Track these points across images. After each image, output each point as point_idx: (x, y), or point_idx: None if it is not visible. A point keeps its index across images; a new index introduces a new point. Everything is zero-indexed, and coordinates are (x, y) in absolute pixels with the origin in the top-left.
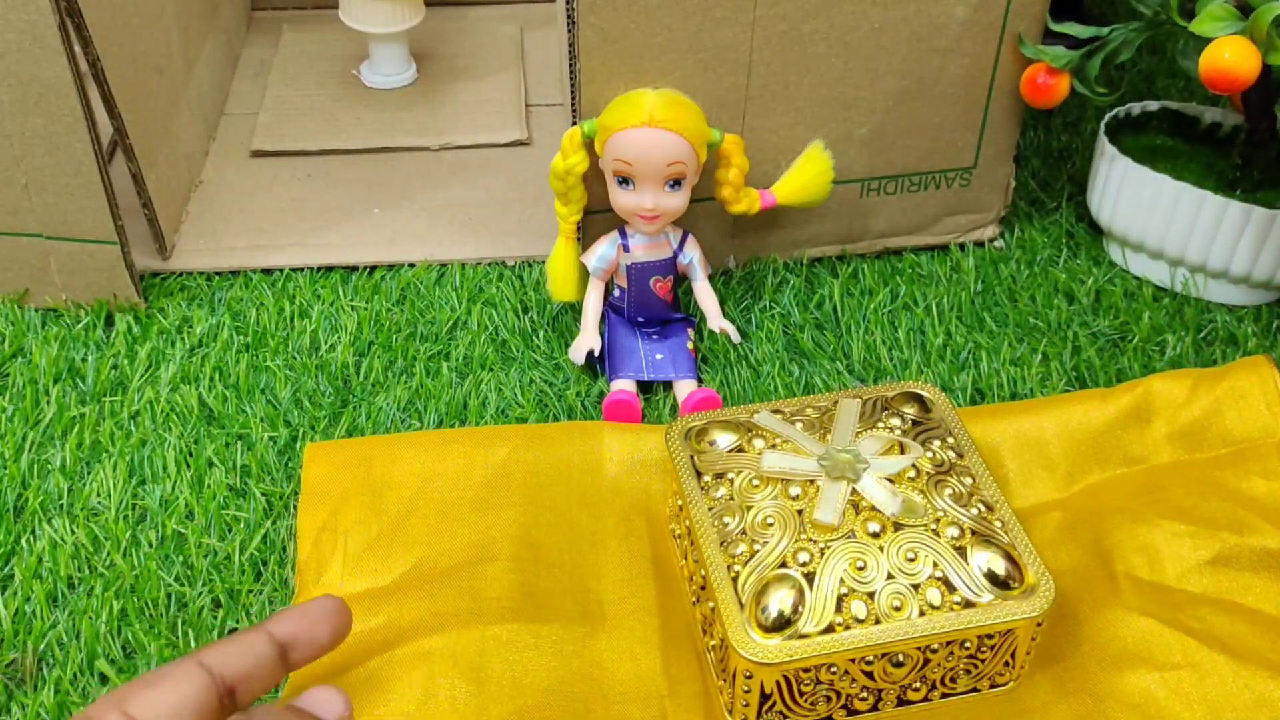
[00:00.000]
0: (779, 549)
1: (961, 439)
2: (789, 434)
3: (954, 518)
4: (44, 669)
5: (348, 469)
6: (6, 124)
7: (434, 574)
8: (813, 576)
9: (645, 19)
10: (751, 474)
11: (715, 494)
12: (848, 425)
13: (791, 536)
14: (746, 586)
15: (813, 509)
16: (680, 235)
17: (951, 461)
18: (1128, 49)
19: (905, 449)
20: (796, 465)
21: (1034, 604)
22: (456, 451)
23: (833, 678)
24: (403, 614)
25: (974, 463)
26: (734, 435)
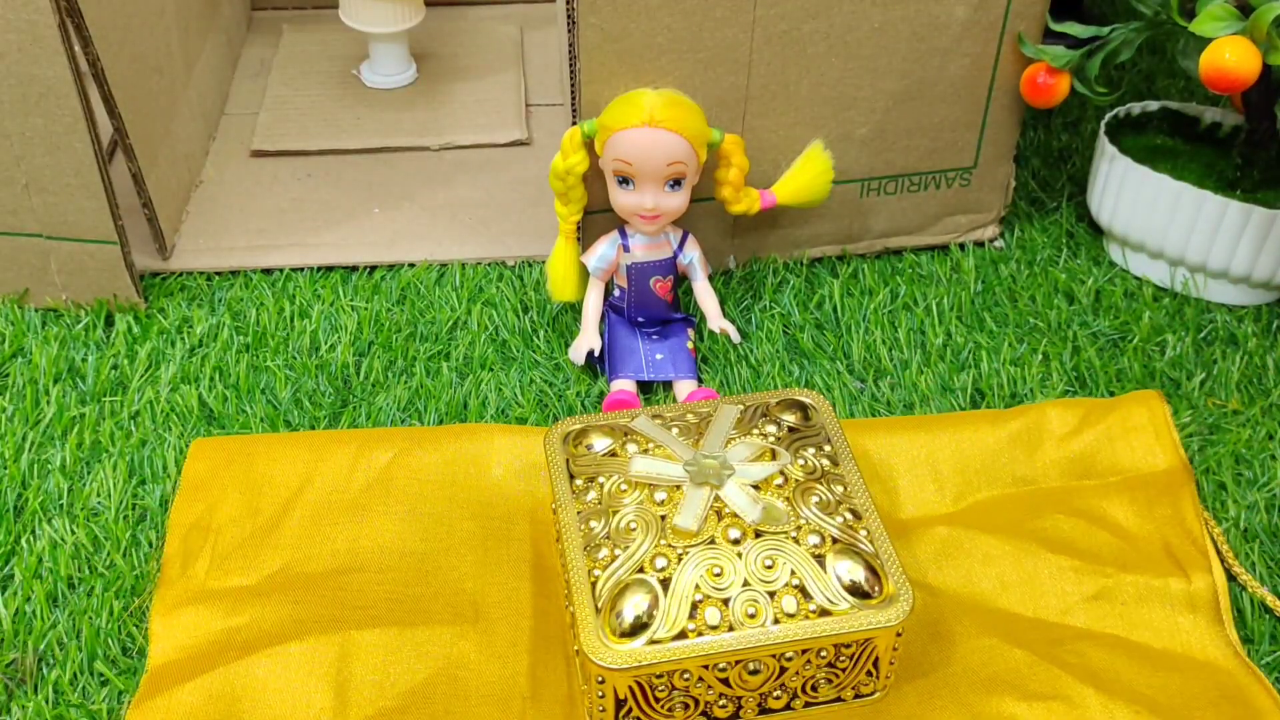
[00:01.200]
0: (638, 554)
1: (839, 447)
2: (662, 439)
3: (816, 525)
4: (44, 669)
5: (230, 466)
6: (6, 124)
7: (300, 579)
8: (669, 582)
9: (645, 19)
10: (621, 478)
11: (586, 497)
12: (721, 431)
13: (652, 542)
14: (604, 591)
15: (674, 515)
16: (680, 235)
17: (824, 469)
18: (1128, 49)
19: (775, 455)
20: (663, 470)
21: (892, 614)
22: (340, 453)
23: (687, 684)
24: (265, 616)
25: (848, 471)
26: (610, 439)
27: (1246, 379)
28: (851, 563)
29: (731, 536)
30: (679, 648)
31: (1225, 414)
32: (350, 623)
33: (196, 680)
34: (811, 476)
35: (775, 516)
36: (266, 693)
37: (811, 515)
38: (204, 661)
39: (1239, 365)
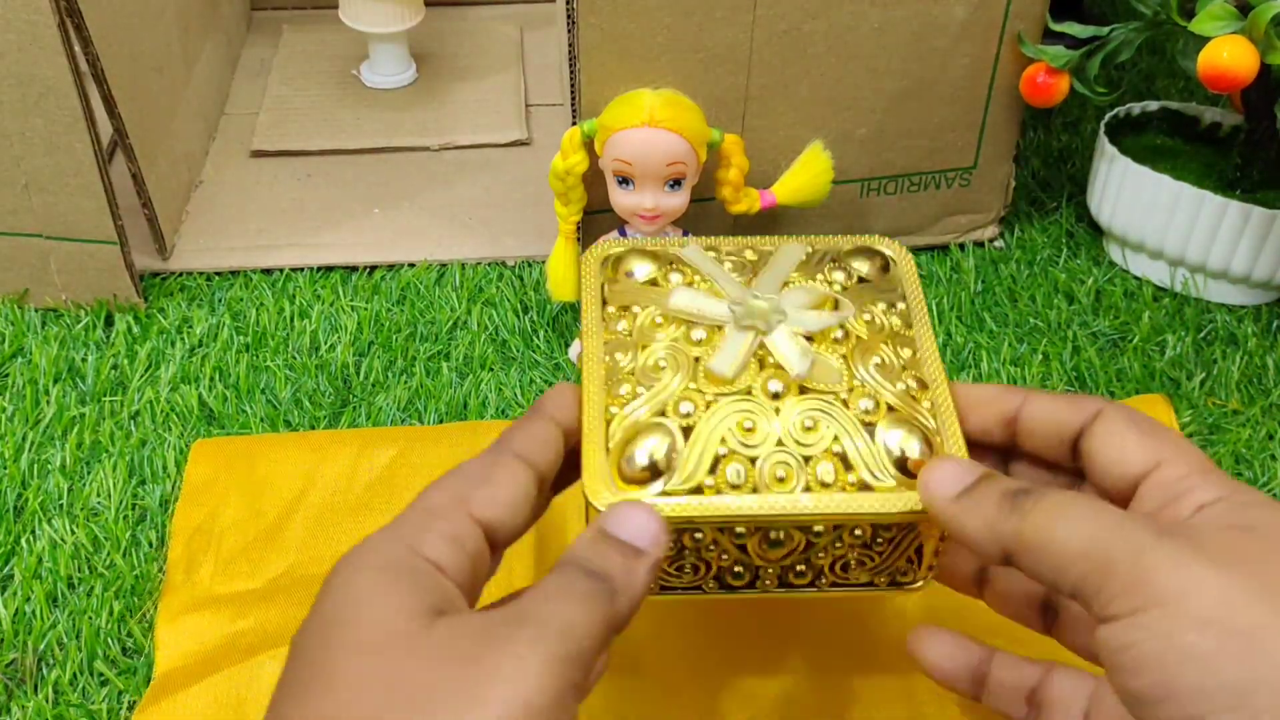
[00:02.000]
0: (663, 395)
1: (915, 308)
2: (712, 272)
3: (872, 389)
4: (44, 669)
5: (231, 469)
6: (6, 124)
7: (305, 580)
8: (691, 430)
9: (645, 19)
10: (657, 310)
11: (616, 327)
12: (779, 271)
13: (681, 383)
14: (618, 430)
15: (710, 357)
16: (680, 235)
17: (892, 329)
18: (1128, 49)
19: (838, 306)
20: (705, 307)
21: None
22: (342, 453)
23: (698, 545)
24: (270, 618)
25: (921, 335)
26: (653, 266)
27: (1246, 379)
28: (905, 434)
29: (772, 389)
30: (692, 504)
31: (1225, 414)
32: None
33: (202, 684)
34: (877, 334)
35: (827, 373)
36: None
37: (868, 378)
38: (209, 665)
39: (1239, 365)
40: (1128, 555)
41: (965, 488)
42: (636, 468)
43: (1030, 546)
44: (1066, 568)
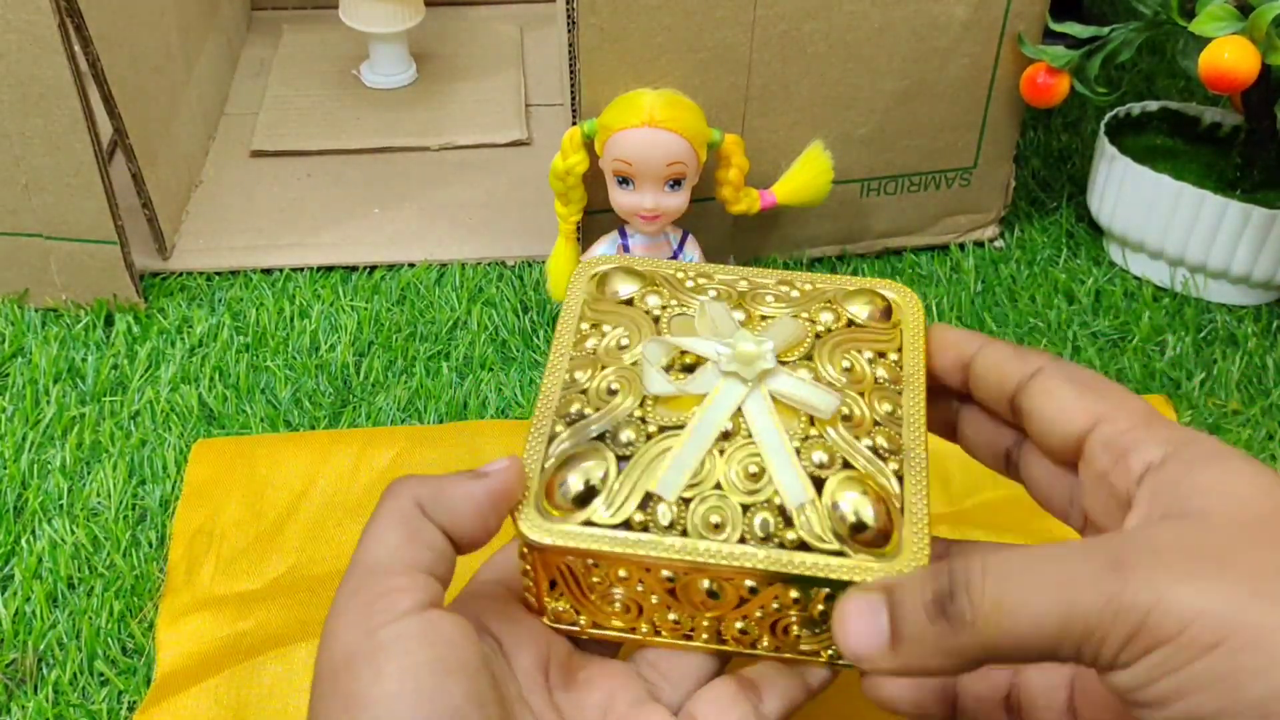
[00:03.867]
0: (606, 420)
1: (910, 360)
2: (691, 304)
3: (829, 443)
4: (44, 669)
5: (232, 470)
6: (6, 124)
7: (306, 581)
8: (628, 461)
9: (645, 19)
10: (625, 330)
11: (585, 345)
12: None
13: (629, 409)
14: (556, 452)
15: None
16: (680, 235)
17: (874, 380)
18: (1128, 49)
19: (814, 355)
20: (690, 346)
21: (891, 569)
22: (342, 453)
23: (624, 585)
24: (271, 619)
25: (909, 395)
26: (636, 285)
27: (1246, 379)
28: (859, 496)
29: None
30: (614, 539)
31: (1225, 414)
32: None
33: (203, 684)
34: (854, 384)
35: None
36: (273, 695)
37: (831, 431)
38: (211, 666)
39: (1239, 365)
40: (1107, 612)
41: (886, 633)
42: (567, 493)
43: (999, 649)
44: (1051, 648)
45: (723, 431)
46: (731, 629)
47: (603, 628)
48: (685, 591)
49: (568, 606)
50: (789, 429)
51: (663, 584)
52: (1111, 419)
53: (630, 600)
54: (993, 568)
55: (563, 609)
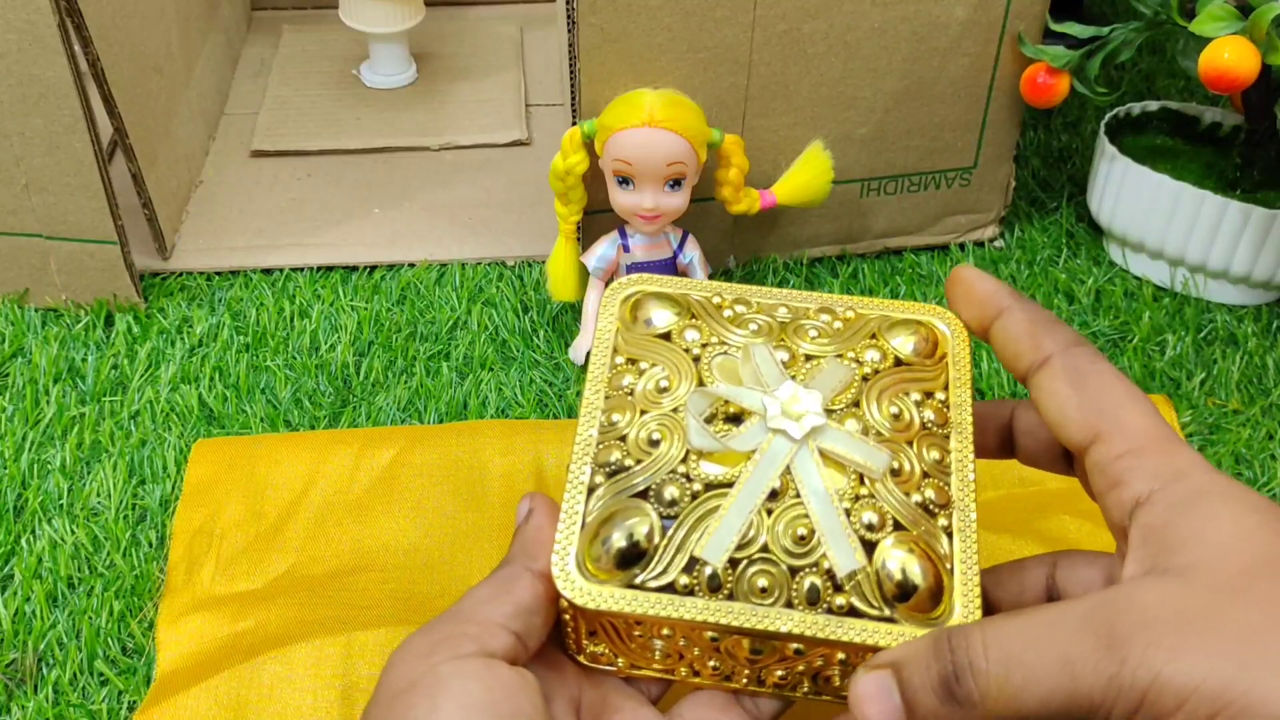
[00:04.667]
0: (649, 474)
1: (957, 401)
2: (733, 337)
3: (879, 503)
4: (44, 669)
5: (232, 470)
6: (6, 124)
7: (305, 581)
8: (673, 521)
9: (645, 19)
10: (665, 371)
11: (621, 382)
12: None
13: (671, 466)
14: (597, 507)
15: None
16: (680, 235)
17: (923, 425)
18: (1128, 49)
19: (861, 402)
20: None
21: None
22: (342, 453)
23: (667, 641)
24: (270, 619)
25: (958, 439)
26: (672, 315)
27: (1246, 379)
28: (909, 557)
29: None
30: (660, 602)
31: (1225, 414)
32: (356, 623)
33: (202, 684)
34: (902, 433)
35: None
36: (273, 695)
37: (880, 486)
38: (210, 666)
39: (1239, 365)
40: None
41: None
42: (610, 552)
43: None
44: (1054, 716)
45: (771, 490)
46: (773, 675)
47: (641, 669)
48: (729, 649)
49: (606, 650)
50: (838, 488)
51: (706, 642)
52: (1107, 439)
53: (671, 650)
54: (993, 649)
55: (601, 652)
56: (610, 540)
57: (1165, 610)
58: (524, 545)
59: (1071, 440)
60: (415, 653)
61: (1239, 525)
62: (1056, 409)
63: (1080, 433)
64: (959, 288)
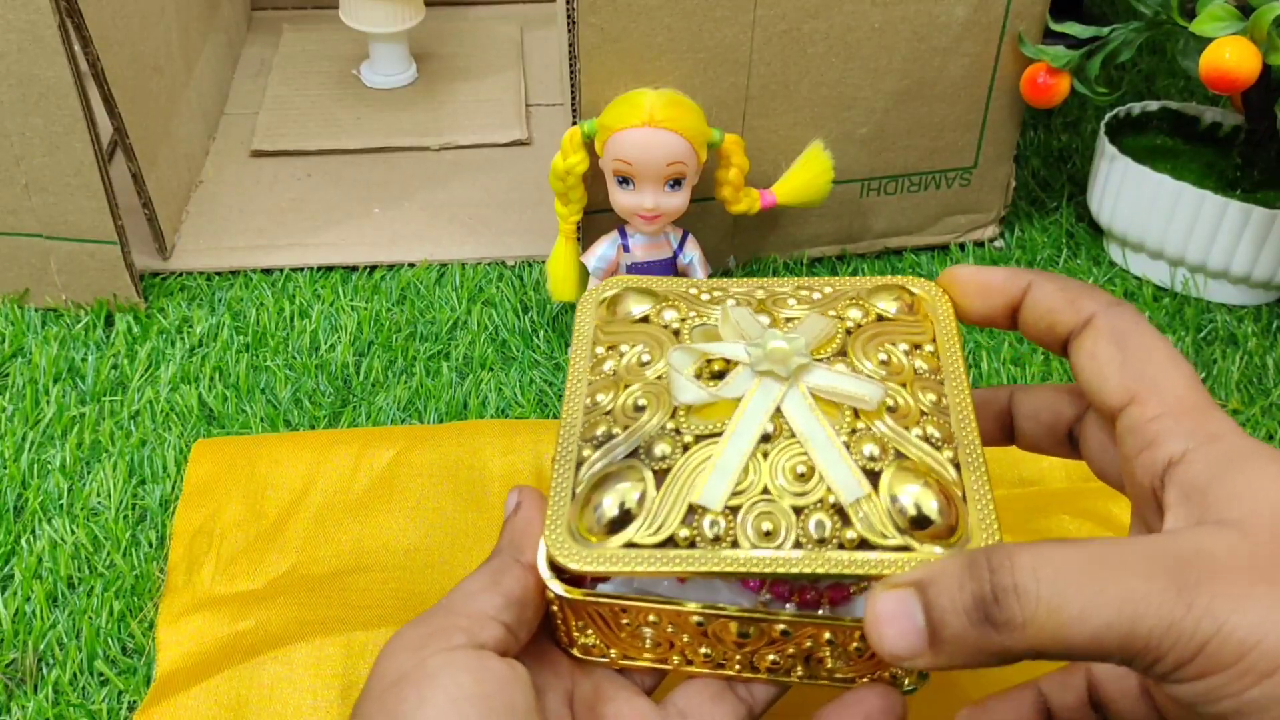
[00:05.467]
0: (637, 437)
1: (946, 350)
2: (710, 314)
3: (879, 435)
4: (44, 669)
5: (232, 470)
6: (6, 124)
7: (305, 581)
8: (666, 475)
9: (645, 19)
10: (645, 347)
11: (603, 368)
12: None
13: (659, 423)
14: (586, 476)
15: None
16: (680, 235)
17: (914, 371)
18: (1128, 49)
19: (845, 349)
20: (713, 350)
21: None
22: (342, 453)
23: (654, 628)
24: (270, 619)
25: (951, 382)
26: (649, 303)
27: (1246, 379)
28: (918, 487)
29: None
30: (660, 556)
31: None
32: (356, 623)
33: (202, 684)
34: (893, 376)
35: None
36: (273, 695)
37: (879, 424)
38: (210, 666)
39: (1239, 365)
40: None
41: (924, 635)
42: (604, 515)
43: (1046, 652)
44: (1103, 656)
45: (764, 434)
46: (764, 660)
47: (634, 659)
48: (716, 633)
49: (597, 642)
50: (834, 424)
51: (694, 627)
52: (1143, 401)
53: (661, 638)
54: (1046, 572)
55: (592, 644)
56: (603, 503)
57: (1234, 559)
58: (512, 537)
59: (1107, 402)
60: (406, 645)
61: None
62: (1097, 371)
63: (1117, 395)
64: (967, 285)
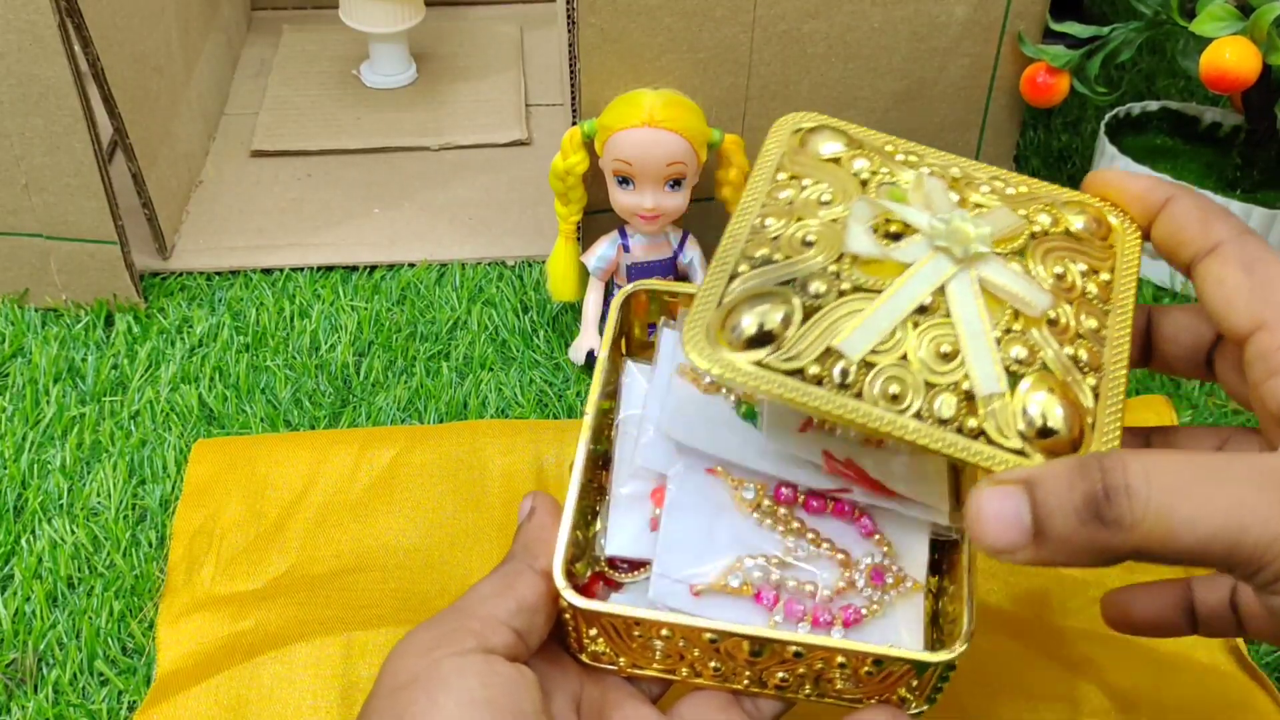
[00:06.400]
0: (797, 269)
1: (1121, 284)
2: (901, 175)
3: (1031, 341)
4: (44, 669)
5: (233, 470)
6: (6, 124)
7: (305, 581)
8: (814, 313)
9: (645, 19)
10: (829, 188)
11: (780, 195)
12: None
13: (823, 264)
14: (737, 290)
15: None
16: (680, 235)
17: (1083, 293)
18: (1128, 49)
19: (1026, 253)
20: (895, 214)
21: None
22: (342, 453)
23: (666, 642)
24: (270, 619)
25: (1116, 319)
26: (841, 145)
27: None
28: (1049, 399)
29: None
30: (786, 384)
31: (1225, 414)
32: (356, 623)
33: (203, 684)
34: (1062, 292)
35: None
36: (273, 695)
37: (1034, 332)
38: (211, 666)
39: None
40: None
41: (1028, 528)
42: (743, 330)
43: (1150, 555)
44: (1206, 561)
45: (920, 305)
46: (773, 678)
47: (642, 669)
48: (728, 649)
49: (607, 650)
50: (992, 318)
51: (706, 642)
52: (1272, 328)
53: (672, 651)
54: (1157, 477)
55: (602, 652)
56: (745, 318)
57: None
58: (526, 543)
59: (1235, 328)
60: (417, 647)
61: None
62: (1224, 296)
63: (1245, 321)
64: (1112, 186)
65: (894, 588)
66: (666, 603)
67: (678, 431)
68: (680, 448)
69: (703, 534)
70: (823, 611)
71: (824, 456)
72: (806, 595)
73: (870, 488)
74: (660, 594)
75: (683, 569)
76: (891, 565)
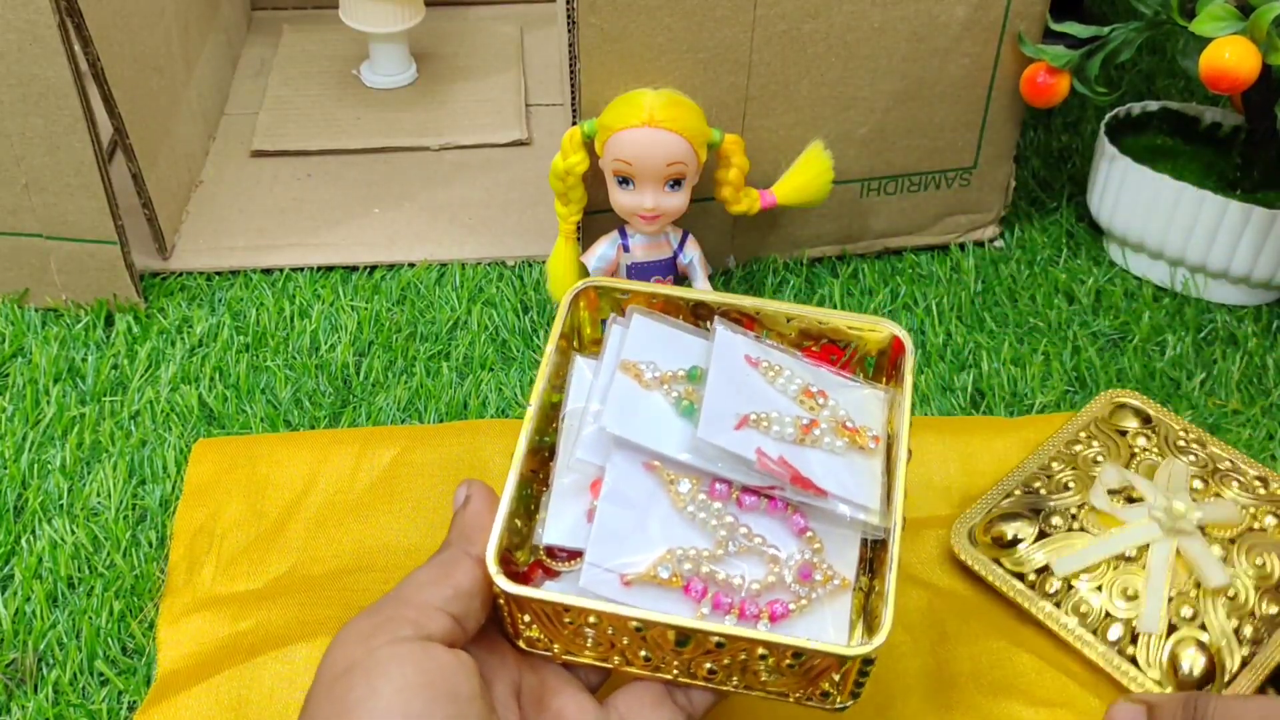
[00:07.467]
0: (1049, 501)
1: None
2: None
3: (1201, 607)
4: (44, 669)
5: (233, 469)
6: (6, 124)
7: (306, 581)
8: (1044, 536)
9: (645, 19)
10: (1103, 452)
11: (1074, 447)
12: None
13: (1068, 506)
14: (999, 505)
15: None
16: (680, 235)
17: (1278, 584)
18: (1128, 49)
19: (1235, 541)
20: (1122, 513)
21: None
22: (343, 453)
23: (595, 629)
24: (271, 619)
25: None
26: (1137, 424)
27: (1246, 379)
28: (1201, 659)
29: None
30: (1010, 581)
31: (1225, 414)
32: None
33: (203, 684)
34: (1257, 577)
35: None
36: (273, 695)
37: (1209, 602)
38: (211, 666)
39: (1239, 365)
40: None
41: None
42: (997, 535)
43: None
44: None
45: (1125, 554)
46: (701, 668)
47: (575, 655)
48: (655, 638)
49: (541, 636)
50: (1176, 582)
51: (633, 631)
52: None
53: (602, 638)
54: (1223, 711)
55: (537, 638)
56: (1000, 526)
57: None
58: (462, 530)
59: None
60: (355, 635)
61: None
62: None
63: None
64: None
65: (823, 585)
66: (597, 591)
67: (616, 425)
68: (618, 441)
69: (636, 526)
70: (750, 605)
71: (757, 454)
72: (735, 589)
73: (802, 485)
74: (590, 582)
75: (614, 559)
76: (821, 563)
